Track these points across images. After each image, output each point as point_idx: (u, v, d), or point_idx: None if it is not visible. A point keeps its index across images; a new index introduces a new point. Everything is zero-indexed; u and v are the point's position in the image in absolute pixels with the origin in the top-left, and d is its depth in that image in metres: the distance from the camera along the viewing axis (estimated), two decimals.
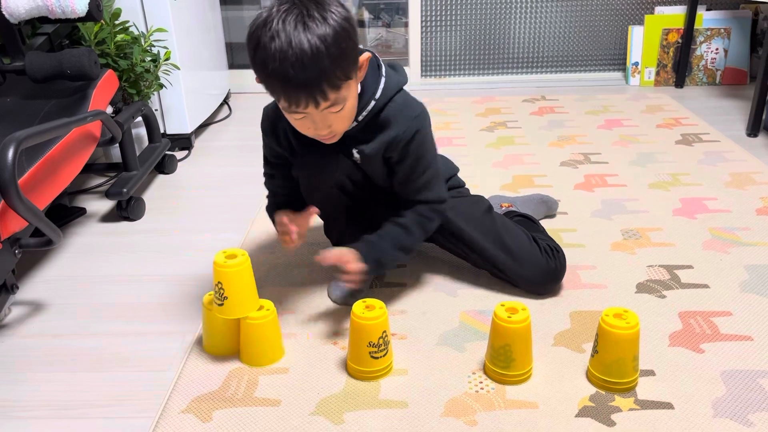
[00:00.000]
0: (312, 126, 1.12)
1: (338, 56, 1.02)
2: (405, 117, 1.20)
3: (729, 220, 1.68)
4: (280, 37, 0.99)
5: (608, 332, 1.07)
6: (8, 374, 1.21)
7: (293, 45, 0.99)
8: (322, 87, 1.03)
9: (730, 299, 1.35)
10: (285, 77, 1.02)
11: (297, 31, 0.99)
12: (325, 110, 1.08)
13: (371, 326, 1.11)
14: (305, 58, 0.99)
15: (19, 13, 1.60)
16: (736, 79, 2.95)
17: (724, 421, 1.03)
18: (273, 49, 1.00)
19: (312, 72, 1.01)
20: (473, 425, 1.04)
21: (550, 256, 1.35)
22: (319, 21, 1.00)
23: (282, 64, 1.00)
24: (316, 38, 0.99)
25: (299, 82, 1.02)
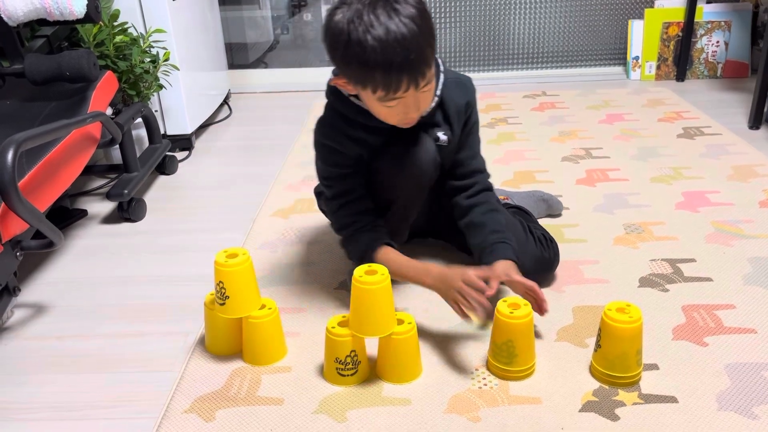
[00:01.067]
0: (403, 111, 1.13)
1: (428, 33, 1.07)
2: (465, 84, 1.29)
3: (732, 213, 1.68)
4: (375, 28, 1.02)
5: (611, 326, 1.07)
6: (11, 376, 1.21)
7: (391, 32, 1.02)
8: (422, 66, 1.07)
9: (733, 292, 1.35)
10: (388, 64, 1.04)
11: (390, 19, 1.03)
12: (421, 90, 1.10)
13: (341, 342, 1.10)
14: (405, 42, 1.03)
15: (17, 15, 1.60)
16: (737, 72, 2.94)
17: (728, 414, 1.03)
18: (371, 41, 1.02)
19: (413, 53, 1.04)
20: (477, 421, 1.04)
21: (544, 246, 1.36)
22: (403, 4, 1.05)
23: (384, 52, 1.03)
24: (409, 21, 1.03)
25: (403, 65, 1.04)
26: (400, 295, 1.37)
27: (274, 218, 1.76)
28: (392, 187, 1.28)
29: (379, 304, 1.08)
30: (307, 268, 1.50)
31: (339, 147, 1.25)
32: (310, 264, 1.52)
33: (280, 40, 3.81)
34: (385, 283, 1.07)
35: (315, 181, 1.97)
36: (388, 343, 1.11)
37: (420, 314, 1.31)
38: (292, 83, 3.12)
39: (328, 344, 1.12)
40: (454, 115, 1.27)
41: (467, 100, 1.28)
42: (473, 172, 1.32)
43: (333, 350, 1.11)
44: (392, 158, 1.25)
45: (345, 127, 1.23)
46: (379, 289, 1.06)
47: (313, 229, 1.68)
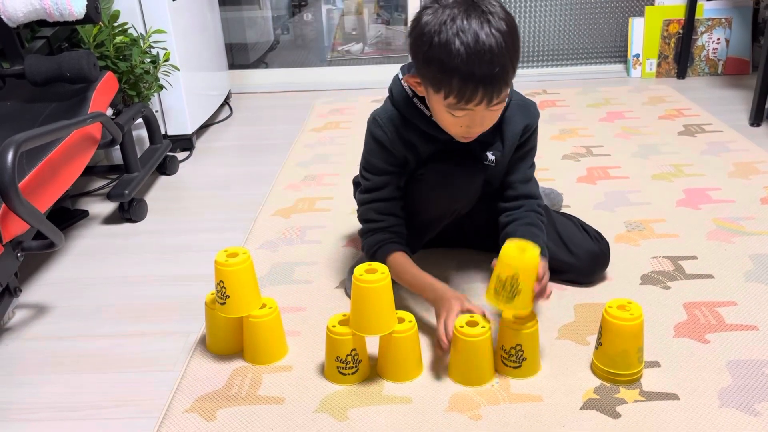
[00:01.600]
0: (467, 123, 1.11)
1: (514, 53, 1.06)
2: (529, 108, 1.27)
3: (733, 210, 1.67)
4: (465, 34, 1.01)
5: (612, 324, 1.06)
6: (12, 377, 1.21)
7: (480, 41, 1.01)
8: (500, 83, 1.05)
9: (735, 289, 1.34)
10: (469, 73, 1.02)
11: (481, 29, 1.01)
12: (492, 107, 1.09)
13: (341, 341, 1.10)
14: (491, 55, 1.01)
15: (17, 16, 1.60)
16: (738, 68, 2.94)
17: (730, 411, 1.03)
18: (458, 45, 1.01)
19: (495, 69, 1.02)
20: (478, 419, 1.04)
21: (600, 241, 1.36)
22: (499, 18, 1.03)
23: (468, 60, 1.01)
24: (499, 35, 1.02)
25: (483, 78, 1.03)
26: (402, 294, 1.37)
27: (275, 218, 1.76)
28: (428, 202, 1.27)
29: (380, 303, 1.07)
30: (308, 268, 1.50)
31: (388, 145, 1.23)
32: (311, 263, 1.52)
33: (281, 40, 3.82)
34: (386, 281, 1.07)
35: (316, 181, 1.99)
36: (388, 342, 1.11)
37: (421, 312, 1.31)
38: (292, 83, 3.12)
39: (328, 343, 1.12)
40: (509, 137, 1.25)
41: (526, 123, 1.26)
42: (522, 196, 1.29)
43: (334, 349, 1.11)
44: (437, 175, 1.24)
45: (400, 127, 1.22)
46: (379, 288, 1.06)
47: (313, 229, 1.68)
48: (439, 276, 1.23)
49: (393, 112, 1.23)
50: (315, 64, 3.55)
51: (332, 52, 3.69)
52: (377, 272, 1.07)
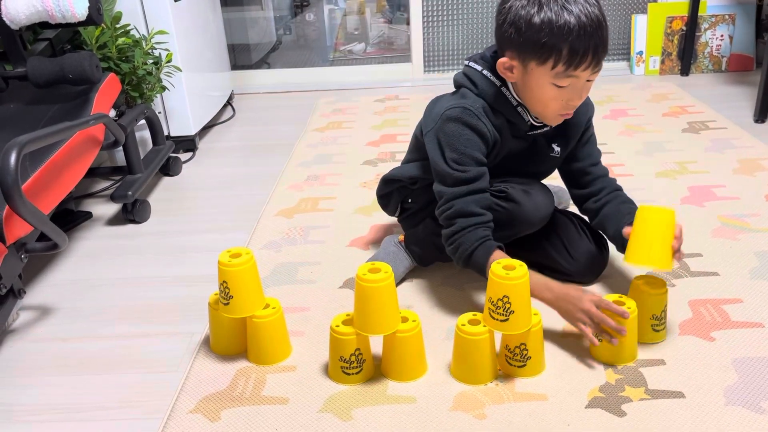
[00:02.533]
0: (568, 96, 1.17)
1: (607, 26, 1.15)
2: (587, 101, 1.32)
3: (738, 207, 1.66)
4: (571, 5, 1.10)
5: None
6: (16, 378, 1.22)
7: (585, 10, 1.10)
8: (606, 48, 1.14)
9: (740, 286, 1.34)
10: (581, 35, 1.09)
11: (585, 4, 1.11)
12: (594, 75, 1.16)
13: (345, 341, 1.10)
14: (600, 21, 1.12)
15: (19, 19, 1.60)
16: (742, 65, 2.93)
17: (736, 409, 1.02)
18: (567, 16, 1.09)
19: (604, 34, 1.13)
20: (482, 419, 1.03)
21: (599, 243, 1.37)
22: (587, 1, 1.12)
23: (580, 25, 1.09)
24: (596, 9, 1.12)
25: (595, 39, 1.11)
26: (405, 293, 1.37)
27: (278, 218, 1.76)
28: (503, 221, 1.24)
29: (383, 302, 1.07)
30: (311, 268, 1.50)
31: (483, 128, 1.21)
32: (314, 263, 1.52)
33: (283, 41, 3.82)
34: (389, 281, 1.06)
35: (319, 181, 1.98)
36: (392, 341, 1.11)
37: (425, 312, 1.31)
38: (295, 83, 3.12)
39: (332, 343, 1.12)
40: (573, 129, 1.32)
41: (588, 116, 1.35)
42: (597, 178, 1.36)
43: (337, 349, 1.11)
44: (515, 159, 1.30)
45: (490, 115, 1.23)
46: (382, 287, 1.06)
47: (317, 229, 1.68)
48: (444, 270, 1.23)
49: (482, 102, 1.23)
50: (317, 64, 3.55)
51: (334, 52, 3.69)
52: (380, 272, 1.06)
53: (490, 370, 1.11)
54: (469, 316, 1.11)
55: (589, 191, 1.35)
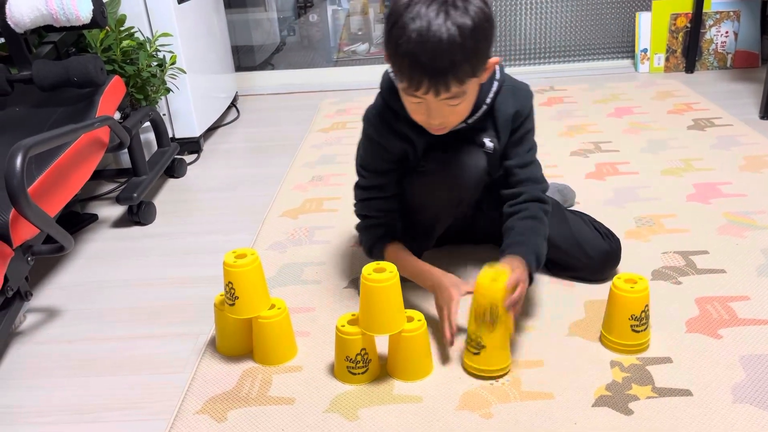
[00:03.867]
0: (425, 113, 1.10)
1: (471, 52, 1.02)
2: (520, 91, 1.23)
3: (744, 204, 1.66)
4: (421, 19, 0.99)
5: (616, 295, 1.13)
6: (23, 380, 1.22)
7: (431, 31, 0.99)
8: (448, 79, 1.02)
9: (747, 283, 1.33)
10: (414, 60, 1.01)
11: (438, 18, 0.99)
12: (443, 101, 1.07)
13: (351, 341, 1.10)
14: (440, 47, 0.99)
15: (24, 22, 1.60)
16: (747, 62, 2.91)
17: (744, 407, 1.02)
18: (410, 30, 1.00)
19: (442, 62, 1.00)
20: (489, 418, 1.03)
21: (611, 239, 1.35)
22: (462, 12, 1.00)
23: (415, 46, 1.00)
24: (455, 29, 0.99)
25: (426, 69, 1.01)
26: (410, 293, 1.37)
27: (283, 219, 1.76)
28: (433, 193, 1.25)
29: (389, 302, 1.07)
30: (316, 268, 1.50)
31: (383, 142, 1.23)
32: (319, 264, 1.52)
33: (287, 42, 3.82)
34: (394, 280, 1.06)
35: (323, 182, 1.98)
36: (398, 341, 1.11)
37: (431, 311, 1.31)
38: (299, 84, 3.12)
39: (338, 343, 1.12)
40: (502, 123, 1.23)
41: (516, 109, 1.22)
42: (522, 181, 1.25)
43: (343, 349, 1.11)
44: (438, 164, 1.22)
45: (392, 121, 1.21)
46: (388, 287, 1.06)
47: (321, 229, 1.68)
48: (448, 269, 1.22)
49: (382, 105, 1.22)
50: (321, 65, 3.55)
51: (338, 53, 3.69)
52: (386, 271, 1.06)
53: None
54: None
55: (511, 193, 1.25)
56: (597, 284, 1.35)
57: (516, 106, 1.22)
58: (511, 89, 1.23)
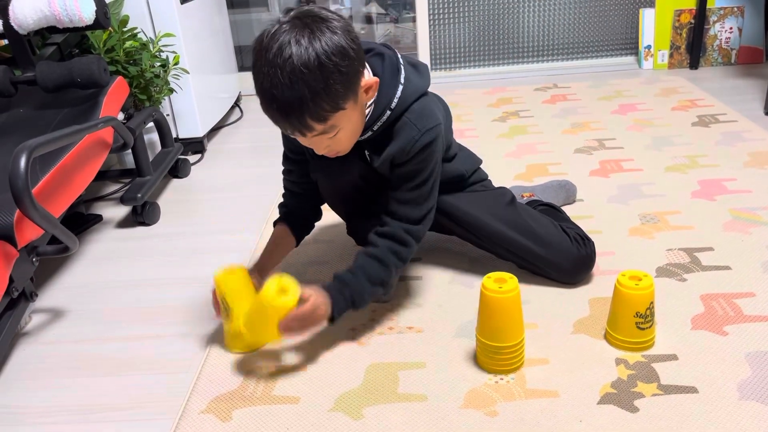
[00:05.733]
0: (309, 145, 1.11)
1: (323, 85, 0.98)
2: (415, 129, 1.14)
3: (749, 201, 1.65)
4: (262, 65, 0.98)
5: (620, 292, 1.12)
6: (29, 380, 1.22)
7: (270, 76, 0.97)
8: (303, 120, 1.00)
9: (753, 280, 1.33)
10: (268, 109, 1.01)
11: (276, 58, 0.96)
12: (315, 137, 1.06)
13: None
14: (284, 95, 0.97)
15: (27, 24, 1.61)
16: (751, 57, 2.90)
17: (750, 404, 1.01)
18: (258, 67, 0.99)
19: (289, 108, 0.99)
20: (494, 416, 1.03)
21: (580, 244, 1.33)
22: (308, 46, 0.96)
23: (264, 96, 1.00)
24: (297, 69, 0.96)
25: (278, 116, 1.01)
26: (416, 291, 1.37)
27: None
28: (326, 195, 1.36)
29: (509, 314, 1.08)
30: (319, 267, 1.50)
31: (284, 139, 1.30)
32: (322, 263, 1.52)
33: None
34: (514, 293, 1.07)
35: None
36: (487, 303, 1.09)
37: (434, 309, 1.31)
38: None
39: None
40: (385, 153, 1.17)
41: (399, 147, 1.14)
42: (392, 213, 1.20)
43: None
44: (321, 171, 1.28)
45: None
46: (508, 299, 1.07)
47: (325, 229, 1.68)
48: (451, 267, 1.22)
49: None
50: None
51: None
52: (506, 282, 1.07)
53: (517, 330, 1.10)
54: (495, 275, 1.09)
55: (383, 219, 1.22)
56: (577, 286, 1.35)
57: (399, 145, 1.15)
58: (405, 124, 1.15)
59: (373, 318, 1.30)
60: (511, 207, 1.36)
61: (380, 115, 1.14)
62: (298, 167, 1.33)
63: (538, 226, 1.34)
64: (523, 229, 1.33)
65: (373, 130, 1.16)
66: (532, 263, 1.35)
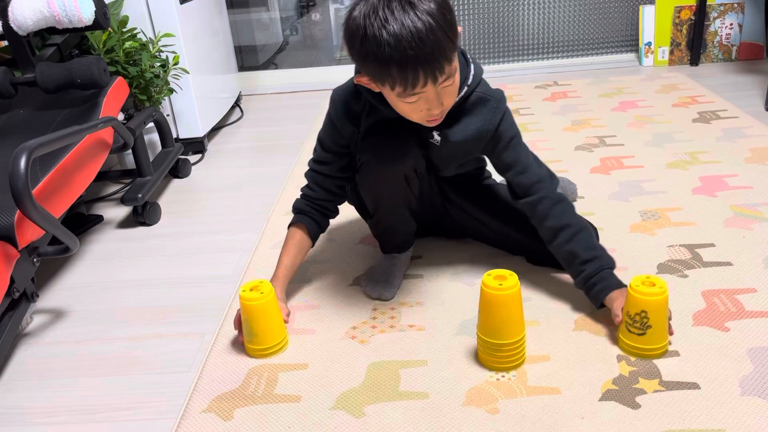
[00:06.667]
0: (425, 107, 1.11)
1: (448, 27, 1.04)
2: (487, 107, 1.22)
3: (751, 196, 1.65)
4: (390, 23, 1.01)
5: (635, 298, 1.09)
6: (31, 381, 1.22)
7: (406, 26, 1.00)
8: (440, 60, 1.04)
9: (754, 276, 1.32)
10: (403, 59, 1.02)
11: (405, 14, 1.01)
12: (441, 85, 1.08)
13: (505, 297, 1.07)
14: (421, 35, 1.01)
15: (26, 24, 1.61)
16: (752, 53, 2.90)
17: (752, 399, 1.01)
18: (386, 35, 1.01)
19: (430, 47, 1.02)
20: (495, 413, 1.03)
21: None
22: (419, 1, 1.02)
23: (398, 46, 1.01)
24: (426, 15, 1.01)
25: (419, 59, 1.02)
26: (417, 289, 1.37)
27: (288, 218, 1.74)
28: (367, 182, 1.29)
29: (508, 311, 1.07)
30: (321, 266, 1.50)
31: (338, 124, 1.27)
32: (324, 262, 1.52)
33: (290, 41, 3.82)
34: (514, 290, 1.06)
35: None
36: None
37: (435, 307, 1.30)
38: (302, 83, 3.13)
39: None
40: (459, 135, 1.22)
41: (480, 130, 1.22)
42: (529, 186, 1.25)
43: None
44: (373, 150, 1.24)
45: (351, 101, 1.24)
46: (508, 295, 1.06)
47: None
48: (453, 265, 1.22)
49: (349, 86, 1.24)
50: (324, 64, 3.54)
51: (341, 51, 3.68)
52: (506, 279, 1.07)
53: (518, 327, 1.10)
54: (495, 272, 1.09)
55: (526, 202, 1.26)
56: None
57: (479, 126, 1.22)
58: (478, 102, 1.22)
59: (375, 316, 1.30)
60: None
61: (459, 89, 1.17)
62: (338, 160, 1.31)
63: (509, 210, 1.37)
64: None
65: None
66: (542, 256, 1.35)
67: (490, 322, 1.08)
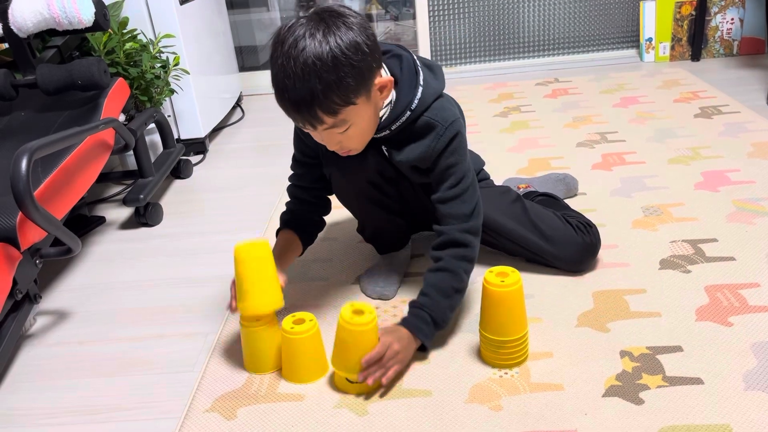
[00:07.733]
0: (321, 141, 1.10)
1: (333, 83, 0.98)
2: (439, 128, 1.14)
3: (753, 191, 1.64)
4: (280, 57, 0.99)
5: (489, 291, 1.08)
6: (35, 382, 1.23)
7: (286, 68, 0.98)
8: (313, 111, 1.00)
9: (757, 270, 1.32)
10: (279, 99, 1.02)
11: (293, 51, 0.97)
12: (329, 131, 1.06)
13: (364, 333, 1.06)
14: (292, 83, 0.98)
15: (26, 27, 1.61)
16: (753, 48, 2.89)
17: (756, 394, 1.01)
18: (275, 68, 1.00)
19: (301, 95, 0.99)
20: (498, 410, 1.03)
21: (584, 233, 1.34)
22: (322, 40, 0.97)
23: (275, 86, 1.01)
24: (312, 60, 0.97)
25: (287, 106, 1.02)
26: (415, 288, 1.36)
27: None
28: (339, 193, 1.32)
29: (512, 307, 1.07)
30: (323, 265, 1.50)
31: (301, 133, 1.25)
32: (325, 260, 1.52)
33: None
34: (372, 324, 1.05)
35: None
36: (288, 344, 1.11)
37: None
38: None
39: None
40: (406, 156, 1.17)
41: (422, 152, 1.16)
42: (444, 216, 1.18)
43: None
44: (335, 165, 1.23)
45: None
46: (511, 292, 1.06)
47: (328, 227, 1.67)
48: None
49: None
50: None
51: None
52: (364, 314, 1.05)
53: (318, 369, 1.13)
54: (355, 306, 1.07)
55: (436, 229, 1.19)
56: (581, 274, 1.35)
57: (422, 149, 1.16)
58: (426, 125, 1.15)
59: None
60: (516, 204, 1.36)
61: (399, 115, 1.13)
62: (310, 171, 1.30)
63: (542, 221, 1.34)
64: (530, 225, 1.34)
65: (391, 130, 1.15)
66: (540, 257, 1.36)
67: (493, 319, 1.08)
